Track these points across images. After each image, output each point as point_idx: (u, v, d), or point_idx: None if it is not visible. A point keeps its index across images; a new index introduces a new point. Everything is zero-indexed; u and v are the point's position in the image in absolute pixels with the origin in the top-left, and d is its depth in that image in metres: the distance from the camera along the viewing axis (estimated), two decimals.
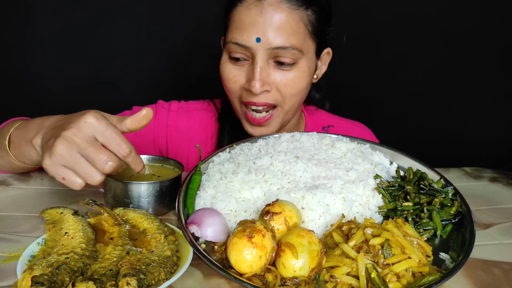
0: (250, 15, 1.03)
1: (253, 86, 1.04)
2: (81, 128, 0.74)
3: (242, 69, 1.10)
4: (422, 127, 2.23)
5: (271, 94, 1.09)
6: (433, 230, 0.83)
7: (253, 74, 1.05)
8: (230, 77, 1.11)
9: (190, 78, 2.00)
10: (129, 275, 0.61)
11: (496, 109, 2.23)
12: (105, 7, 2.01)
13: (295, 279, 0.65)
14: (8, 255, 0.73)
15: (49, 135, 0.79)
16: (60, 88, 2.10)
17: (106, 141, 0.75)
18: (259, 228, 0.68)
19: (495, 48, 2.16)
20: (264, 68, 1.05)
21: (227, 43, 1.09)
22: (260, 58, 1.04)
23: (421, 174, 0.96)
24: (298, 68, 1.08)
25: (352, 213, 0.83)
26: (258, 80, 1.04)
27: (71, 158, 0.73)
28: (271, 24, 1.02)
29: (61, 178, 0.75)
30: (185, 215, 0.84)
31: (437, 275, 0.67)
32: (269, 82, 1.08)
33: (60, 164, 0.74)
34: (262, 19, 1.02)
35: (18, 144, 0.93)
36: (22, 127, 0.94)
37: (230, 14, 1.09)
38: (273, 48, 1.03)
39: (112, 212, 0.83)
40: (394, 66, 2.16)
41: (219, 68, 1.15)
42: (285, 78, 1.08)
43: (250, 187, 0.87)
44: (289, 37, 1.04)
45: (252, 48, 1.04)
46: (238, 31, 1.05)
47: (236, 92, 1.13)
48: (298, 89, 1.11)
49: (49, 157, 0.74)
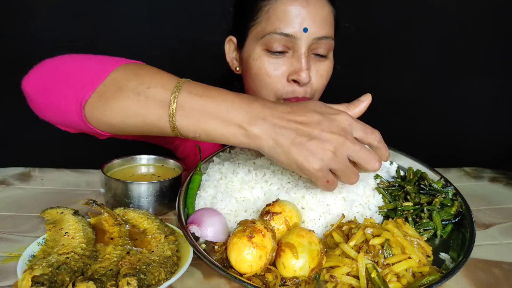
0: (295, 6, 1.04)
1: (301, 76, 1.03)
2: (345, 130, 0.72)
3: (283, 62, 1.07)
4: (422, 127, 2.23)
5: (310, 86, 1.09)
6: (433, 230, 0.83)
7: (300, 65, 1.04)
8: (271, 72, 1.07)
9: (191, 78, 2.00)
10: (129, 275, 0.61)
11: (496, 109, 2.23)
12: (105, 7, 2.01)
13: (295, 279, 0.66)
14: (8, 255, 0.73)
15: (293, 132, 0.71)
16: None
17: (363, 137, 0.74)
18: (259, 228, 0.68)
19: (495, 48, 2.16)
20: (308, 58, 1.06)
21: (268, 34, 1.06)
22: (305, 49, 1.05)
23: (421, 174, 0.96)
24: (329, 59, 1.11)
25: (352, 213, 0.83)
26: (306, 70, 1.04)
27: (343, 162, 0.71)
28: (316, 15, 1.04)
29: (326, 182, 0.73)
30: (185, 215, 0.85)
31: (437, 275, 0.67)
32: (310, 73, 1.08)
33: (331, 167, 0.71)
34: (307, 10, 1.03)
35: (200, 117, 0.73)
36: (206, 95, 0.76)
37: (265, 6, 1.07)
38: (318, 38, 1.04)
39: (112, 212, 0.83)
40: (394, 66, 2.16)
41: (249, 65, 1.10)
42: (321, 69, 1.09)
43: (250, 187, 0.87)
44: (329, 28, 1.06)
45: (298, 38, 1.04)
46: (282, 22, 1.04)
47: (276, 87, 1.09)
48: (327, 80, 1.13)
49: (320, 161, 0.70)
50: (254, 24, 1.09)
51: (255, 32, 1.10)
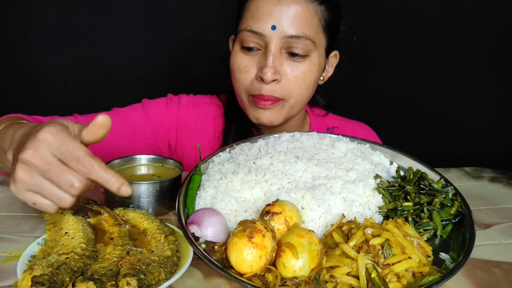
0: (267, 3, 1.04)
1: (265, 73, 1.04)
2: (37, 148, 0.65)
3: (254, 59, 1.09)
4: (422, 127, 2.23)
5: (280, 86, 1.08)
6: (433, 230, 0.83)
7: (265, 61, 1.05)
8: (242, 67, 1.10)
9: (190, 79, 2.00)
10: (129, 275, 0.61)
11: (496, 109, 2.23)
12: (105, 7, 2.01)
13: (295, 279, 0.65)
14: (8, 255, 0.73)
15: (16, 151, 0.72)
16: (60, 88, 2.10)
17: (64, 158, 0.65)
18: (259, 228, 0.68)
19: (495, 48, 2.16)
20: (276, 57, 1.05)
21: (241, 31, 1.08)
22: (274, 46, 1.04)
23: (421, 174, 0.96)
24: (310, 61, 1.09)
25: (352, 213, 0.83)
26: (270, 67, 1.04)
27: (34, 183, 0.66)
28: (287, 13, 1.03)
29: (32, 204, 0.68)
30: (185, 215, 0.84)
31: (437, 275, 0.67)
32: (280, 72, 1.07)
33: (25, 189, 0.67)
34: (279, 7, 1.03)
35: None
36: (1, 134, 0.88)
37: (245, 5, 1.09)
38: (287, 36, 1.04)
39: (112, 212, 0.83)
40: (394, 66, 2.15)
41: (229, 61, 1.13)
42: (296, 69, 1.08)
43: (250, 187, 0.87)
44: (304, 27, 1.05)
45: (266, 36, 1.04)
46: (253, 19, 1.05)
47: (245, 83, 1.11)
48: (307, 83, 1.11)
49: (13, 183, 0.68)
50: (239, 20, 1.12)
51: (238, 27, 1.12)
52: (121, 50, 2.07)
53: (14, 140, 0.77)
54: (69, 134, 0.67)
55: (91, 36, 2.03)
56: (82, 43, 2.04)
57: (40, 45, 2.03)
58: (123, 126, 1.25)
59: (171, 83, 2.12)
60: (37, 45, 2.02)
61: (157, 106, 1.30)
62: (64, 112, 1.24)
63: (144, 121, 1.28)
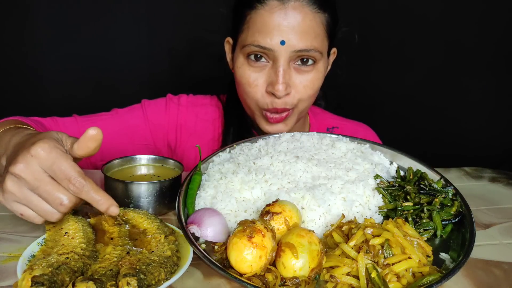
0: (274, 18, 1.02)
1: (277, 90, 1.04)
2: (28, 163, 0.66)
3: (263, 72, 1.08)
4: (422, 127, 2.23)
5: (290, 97, 1.09)
6: (433, 230, 0.83)
7: (276, 78, 1.04)
8: (251, 81, 1.09)
9: (190, 79, 2.00)
10: (129, 275, 0.61)
11: (496, 109, 2.24)
12: (105, 7, 2.01)
13: (295, 279, 0.65)
14: (8, 255, 0.73)
15: (10, 158, 0.73)
16: (60, 88, 2.10)
17: (55, 177, 0.67)
18: (259, 228, 0.68)
19: (494, 49, 2.16)
20: (286, 71, 1.05)
21: (247, 45, 1.06)
22: (284, 61, 1.04)
23: (421, 174, 0.96)
24: (317, 69, 1.09)
25: (352, 213, 0.83)
26: (282, 83, 1.04)
27: (22, 196, 0.67)
28: (296, 28, 1.02)
29: (19, 214, 0.70)
30: (185, 215, 0.84)
31: (437, 275, 0.67)
32: (290, 84, 1.08)
33: (13, 201, 0.68)
34: (287, 22, 1.01)
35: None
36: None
37: (247, 15, 1.07)
38: (297, 51, 1.03)
39: None
40: (394, 67, 2.16)
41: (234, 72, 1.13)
42: (305, 79, 1.08)
43: (250, 187, 0.87)
44: (313, 40, 1.04)
45: (275, 51, 1.03)
46: (260, 33, 1.04)
47: (256, 96, 1.11)
48: (315, 90, 1.13)
49: (1, 193, 0.68)
50: (240, 31, 1.10)
51: (240, 39, 1.11)
52: (121, 50, 2.06)
53: (9, 147, 0.78)
54: (62, 151, 0.68)
55: (91, 36, 2.03)
56: (82, 43, 2.04)
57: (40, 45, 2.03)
58: (122, 128, 1.26)
59: (171, 83, 2.12)
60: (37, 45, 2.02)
61: (157, 108, 1.30)
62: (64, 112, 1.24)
63: (143, 122, 1.28)
